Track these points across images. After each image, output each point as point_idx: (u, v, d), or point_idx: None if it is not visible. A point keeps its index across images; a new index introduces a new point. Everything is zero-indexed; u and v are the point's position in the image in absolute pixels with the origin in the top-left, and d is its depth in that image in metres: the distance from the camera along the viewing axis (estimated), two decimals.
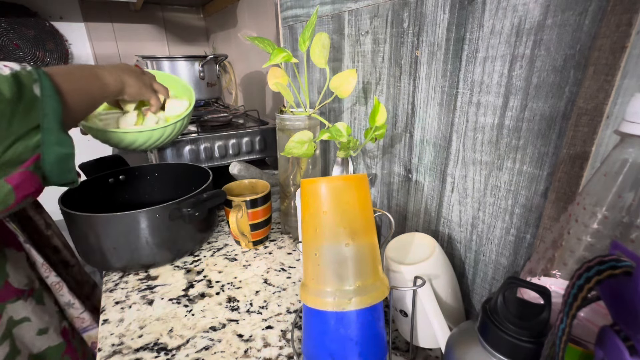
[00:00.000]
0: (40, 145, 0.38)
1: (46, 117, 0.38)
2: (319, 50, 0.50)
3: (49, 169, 0.40)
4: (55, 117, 0.39)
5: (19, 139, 0.36)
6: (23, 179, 0.37)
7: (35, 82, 0.38)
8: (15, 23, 1.42)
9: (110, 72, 0.52)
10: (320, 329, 0.32)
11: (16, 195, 0.37)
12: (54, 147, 0.39)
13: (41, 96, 0.38)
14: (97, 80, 0.49)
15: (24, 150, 0.37)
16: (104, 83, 0.50)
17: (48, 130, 0.38)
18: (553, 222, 0.32)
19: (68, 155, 0.41)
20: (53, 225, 0.63)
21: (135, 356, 0.41)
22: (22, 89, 0.36)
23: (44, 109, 0.38)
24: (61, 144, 0.40)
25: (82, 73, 0.47)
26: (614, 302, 0.18)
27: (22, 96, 0.36)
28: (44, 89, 0.38)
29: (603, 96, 0.26)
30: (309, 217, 0.32)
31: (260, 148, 0.87)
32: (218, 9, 1.52)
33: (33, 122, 0.37)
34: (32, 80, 0.38)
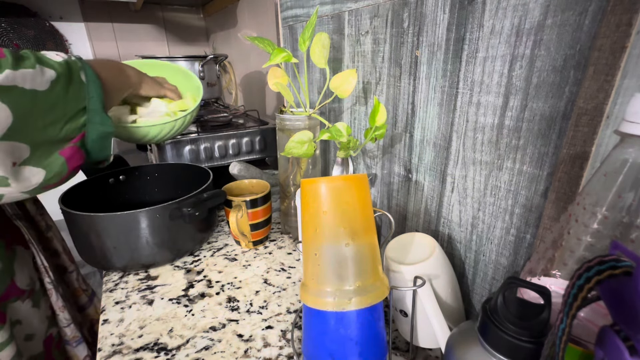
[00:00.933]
0: (85, 125, 0.43)
1: (92, 99, 0.43)
2: (319, 50, 0.50)
3: (91, 145, 0.44)
4: (99, 99, 0.44)
5: (71, 119, 0.41)
6: (73, 153, 0.42)
7: (81, 69, 0.42)
8: (15, 23, 1.42)
9: (130, 68, 0.57)
10: (320, 329, 0.32)
11: (68, 167, 0.41)
12: (97, 126, 0.44)
13: (86, 81, 0.42)
14: (122, 71, 0.55)
15: (74, 129, 0.41)
16: (127, 75, 0.56)
17: (93, 111, 0.43)
18: (553, 222, 0.32)
19: (109, 133, 0.46)
20: (54, 228, 0.63)
21: (135, 356, 0.41)
22: (73, 74, 0.41)
23: (89, 92, 0.43)
24: (103, 123, 0.44)
25: (110, 64, 0.53)
26: (614, 302, 0.18)
27: (72, 80, 0.40)
28: (88, 75, 0.43)
29: (603, 96, 0.26)
30: (309, 217, 0.32)
31: (260, 148, 0.87)
32: (218, 9, 1.52)
33: (81, 103, 0.42)
34: (79, 67, 0.42)
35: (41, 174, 0.39)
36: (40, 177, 0.39)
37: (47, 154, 0.39)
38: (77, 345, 0.59)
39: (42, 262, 0.54)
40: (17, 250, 0.51)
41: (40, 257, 0.54)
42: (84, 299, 0.66)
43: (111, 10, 1.61)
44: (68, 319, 0.57)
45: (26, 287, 0.51)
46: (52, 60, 0.39)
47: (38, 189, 0.39)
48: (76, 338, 0.58)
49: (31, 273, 0.53)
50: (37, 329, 0.53)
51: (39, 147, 0.38)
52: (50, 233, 0.61)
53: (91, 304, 0.68)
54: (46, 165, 0.39)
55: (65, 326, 0.57)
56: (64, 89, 0.39)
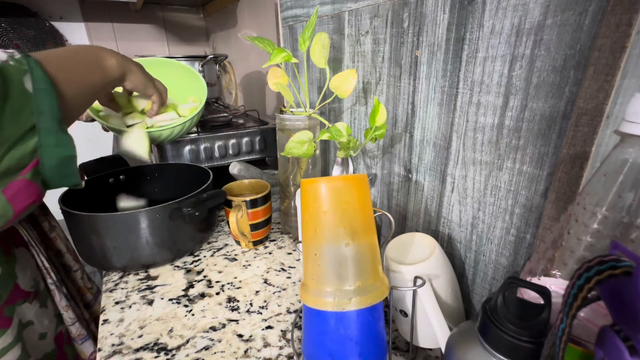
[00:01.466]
0: (37, 149, 0.34)
1: (42, 115, 0.33)
2: (319, 50, 0.50)
3: (50, 175, 0.35)
4: (52, 114, 0.34)
5: (14, 145, 0.32)
6: (18, 189, 0.33)
7: (26, 73, 0.32)
8: (15, 23, 1.42)
9: (112, 55, 0.46)
10: (320, 329, 0.32)
11: (13, 208, 0.33)
12: (52, 150, 0.34)
13: (34, 90, 0.32)
14: (96, 62, 0.43)
15: (21, 157, 0.32)
16: (103, 66, 0.44)
17: (45, 131, 0.33)
18: (553, 222, 0.32)
19: (69, 157, 0.36)
20: (57, 228, 0.63)
21: (135, 356, 0.41)
22: (9, 85, 0.31)
23: (38, 106, 0.33)
24: (61, 145, 0.35)
25: (78, 54, 0.41)
26: (614, 302, 0.18)
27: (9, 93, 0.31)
28: (36, 82, 0.33)
29: (603, 96, 0.26)
30: (309, 217, 0.32)
31: (260, 148, 0.87)
32: (218, 9, 1.52)
33: (27, 122, 0.32)
34: (22, 71, 0.32)
35: None
36: None
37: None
38: (83, 342, 0.59)
39: (43, 264, 0.54)
40: (17, 253, 0.51)
41: (41, 258, 0.54)
42: (89, 297, 0.66)
43: (111, 10, 1.61)
44: (72, 318, 0.57)
45: (30, 289, 0.51)
46: None
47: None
48: (82, 336, 0.59)
49: (34, 274, 0.53)
50: (48, 327, 0.53)
51: None
52: (54, 233, 0.61)
53: (96, 301, 0.68)
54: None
55: (70, 325, 0.57)
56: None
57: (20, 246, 0.52)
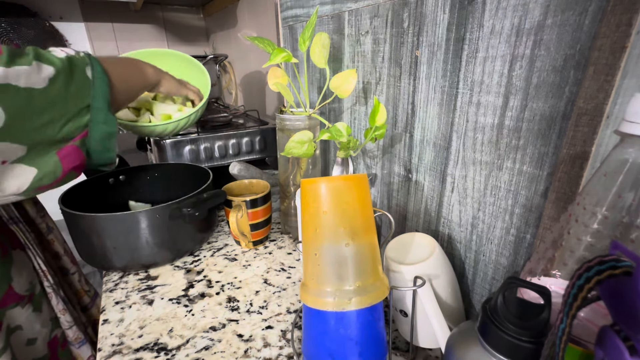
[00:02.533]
0: (88, 124, 0.41)
1: (96, 97, 0.41)
2: (319, 50, 0.50)
3: (94, 146, 0.42)
4: (104, 97, 0.42)
5: (72, 118, 0.39)
6: (69, 152, 0.40)
7: (87, 65, 0.40)
8: (15, 23, 1.42)
9: (149, 65, 0.55)
10: (320, 329, 0.32)
11: (63, 167, 0.39)
12: (100, 126, 0.42)
13: (92, 78, 0.41)
14: (139, 69, 0.53)
15: (76, 128, 0.39)
16: (144, 72, 0.54)
17: (97, 109, 0.41)
18: (553, 222, 0.32)
19: (112, 133, 0.43)
20: (55, 230, 0.63)
21: (135, 356, 0.41)
22: (75, 70, 0.39)
23: (94, 90, 0.41)
24: (107, 122, 0.42)
25: (125, 61, 0.51)
26: (614, 302, 0.18)
27: (74, 77, 0.39)
28: (95, 72, 0.41)
29: (603, 96, 0.26)
30: (309, 217, 0.32)
31: (260, 148, 0.87)
32: (218, 9, 1.52)
33: (85, 101, 0.40)
34: (85, 63, 0.40)
35: (32, 173, 0.37)
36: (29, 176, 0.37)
37: (43, 153, 0.38)
38: (81, 346, 0.59)
39: (40, 266, 0.54)
40: (13, 255, 0.51)
41: (38, 261, 0.54)
42: (87, 300, 0.66)
43: (111, 10, 1.61)
44: (70, 321, 0.56)
45: (25, 292, 0.51)
46: (53, 56, 0.37)
47: (30, 190, 0.37)
48: (79, 339, 0.58)
49: (30, 277, 0.53)
50: (40, 332, 0.53)
51: (35, 146, 0.36)
52: (51, 235, 0.61)
53: (94, 304, 0.67)
54: (39, 164, 0.37)
55: (67, 328, 0.57)
56: (64, 87, 0.37)
57: (17, 248, 0.52)
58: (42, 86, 0.35)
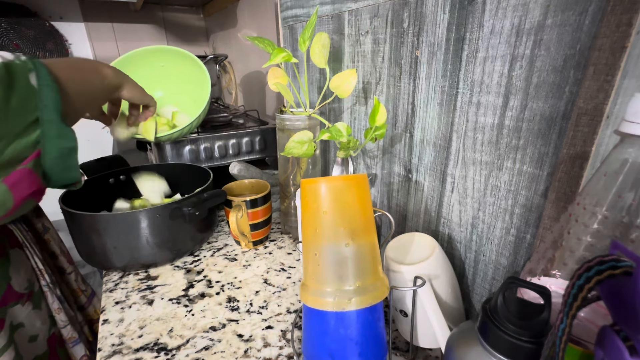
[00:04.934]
0: (39, 140, 0.35)
1: (45, 108, 0.35)
2: (319, 50, 0.50)
3: (50, 165, 0.37)
4: (55, 107, 0.36)
5: (18, 136, 0.33)
6: (20, 177, 0.34)
7: (31, 71, 0.35)
8: (15, 23, 1.42)
9: (108, 67, 0.50)
10: (320, 329, 0.32)
11: (14, 196, 0.34)
12: (54, 141, 0.36)
13: (38, 86, 0.35)
14: (95, 71, 0.47)
15: (24, 148, 0.34)
16: (102, 75, 0.48)
17: (48, 122, 0.35)
18: (553, 222, 0.32)
19: (70, 149, 0.38)
20: (51, 230, 0.62)
21: (135, 356, 0.41)
22: (15, 79, 0.33)
23: (42, 100, 0.35)
24: (62, 136, 0.37)
25: (78, 63, 0.45)
26: (614, 302, 0.18)
27: (14, 87, 0.33)
28: (40, 79, 0.35)
29: (603, 96, 0.26)
30: (309, 217, 0.32)
31: (260, 148, 0.87)
32: (218, 9, 1.52)
33: (31, 115, 0.34)
34: (27, 69, 0.34)
35: None
36: None
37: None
38: (74, 345, 0.58)
39: (38, 265, 0.54)
40: (11, 254, 0.51)
41: (35, 259, 0.54)
42: (83, 299, 0.66)
43: (111, 10, 1.61)
44: (64, 321, 0.56)
45: (24, 291, 0.51)
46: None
47: None
48: (73, 339, 0.58)
49: (29, 275, 0.53)
50: (40, 329, 0.53)
51: None
52: (47, 235, 0.61)
53: (90, 303, 0.67)
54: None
55: (62, 327, 0.57)
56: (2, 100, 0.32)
57: (15, 247, 0.52)
58: None
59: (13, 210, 0.35)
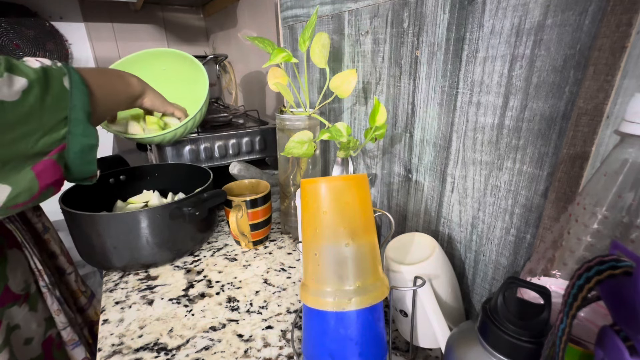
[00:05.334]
0: (66, 136, 0.39)
1: (74, 108, 0.39)
2: (319, 50, 0.50)
3: (72, 159, 0.40)
4: (83, 108, 0.40)
5: (49, 131, 0.37)
6: (45, 166, 0.38)
7: (65, 75, 0.39)
8: (15, 23, 1.42)
9: (133, 76, 0.55)
10: (320, 329, 0.32)
11: (40, 183, 0.37)
12: (79, 138, 0.40)
13: (70, 88, 0.39)
14: (122, 79, 0.52)
15: (52, 141, 0.38)
16: (128, 82, 0.53)
17: (75, 121, 0.39)
18: (553, 222, 0.32)
19: (92, 146, 0.42)
20: (51, 230, 0.62)
21: (135, 356, 0.41)
22: (51, 81, 0.37)
23: (72, 101, 0.39)
24: (86, 135, 0.41)
25: (107, 72, 0.51)
26: (614, 302, 0.18)
27: (49, 88, 0.37)
28: (73, 82, 0.39)
29: (603, 96, 0.26)
30: (309, 217, 0.32)
31: (260, 148, 0.87)
32: (218, 9, 1.52)
33: (62, 113, 0.38)
34: (62, 73, 0.39)
35: (5, 191, 0.35)
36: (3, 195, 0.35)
37: (17, 169, 0.35)
38: (74, 347, 0.58)
39: (36, 266, 0.54)
40: (9, 254, 0.51)
41: (34, 260, 0.53)
42: (83, 301, 0.66)
43: (111, 10, 1.61)
44: (64, 322, 0.56)
45: (21, 292, 0.51)
46: (26, 67, 0.35)
47: (3, 209, 0.35)
48: (73, 341, 0.58)
49: (26, 276, 0.52)
50: (36, 332, 0.53)
51: (8, 162, 0.34)
52: (47, 235, 0.61)
53: (90, 305, 0.67)
54: (13, 181, 0.35)
55: (62, 329, 0.56)
56: (39, 99, 0.35)
57: (14, 247, 0.52)
58: (14, 99, 0.33)
59: (37, 196, 0.38)
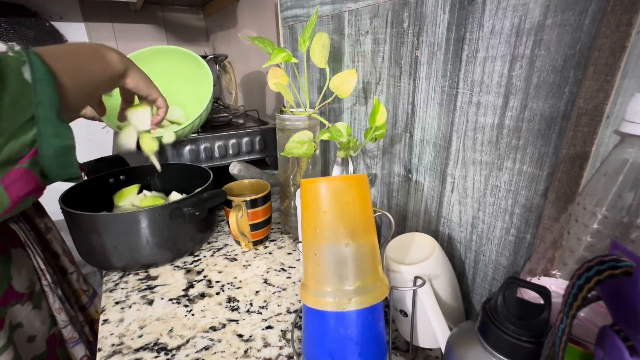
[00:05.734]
0: (36, 139, 0.33)
1: (41, 105, 0.32)
2: (319, 50, 0.50)
3: (48, 164, 0.34)
4: (52, 104, 0.33)
5: (14, 136, 0.31)
6: (15, 177, 0.32)
7: (24, 64, 0.32)
8: (15, 23, 1.42)
9: (112, 50, 0.45)
10: (320, 329, 0.32)
11: (10, 196, 0.33)
12: (51, 140, 0.34)
13: (32, 81, 0.32)
14: (98, 56, 0.43)
15: (20, 147, 0.32)
16: (106, 61, 0.43)
17: (44, 120, 0.33)
18: (553, 222, 0.32)
19: (68, 147, 0.36)
20: (54, 230, 0.62)
21: (135, 356, 0.41)
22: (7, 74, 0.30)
23: (37, 96, 0.32)
24: (60, 135, 0.34)
25: (79, 49, 0.41)
26: (614, 302, 0.18)
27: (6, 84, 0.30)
28: (35, 72, 0.32)
29: (603, 96, 0.26)
30: (309, 217, 0.32)
31: (260, 148, 0.87)
32: (218, 9, 1.52)
33: (26, 113, 0.32)
34: (21, 62, 0.31)
35: None
36: None
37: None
38: (75, 345, 0.58)
39: (39, 265, 0.54)
40: (13, 253, 0.51)
41: (37, 259, 0.54)
42: (85, 300, 0.66)
43: (111, 10, 1.61)
44: (65, 321, 0.56)
45: (25, 290, 0.51)
46: None
47: None
48: (73, 339, 0.58)
49: (30, 275, 0.53)
50: (39, 329, 0.53)
51: None
52: (50, 235, 0.61)
53: (92, 304, 0.67)
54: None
55: (63, 327, 0.57)
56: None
57: (17, 246, 0.52)
58: None
59: (10, 209, 0.34)
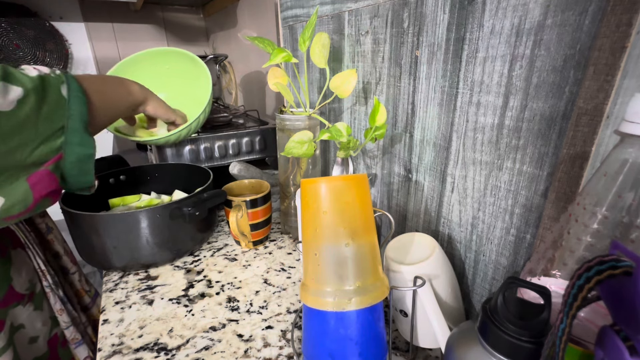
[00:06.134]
0: (62, 146, 0.38)
1: (71, 117, 0.38)
2: (319, 50, 0.50)
3: (69, 169, 0.39)
4: (81, 117, 0.39)
5: (45, 141, 0.36)
6: (40, 177, 0.37)
7: (63, 83, 0.38)
8: (15, 23, 1.42)
9: (134, 83, 0.54)
10: (320, 329, 0.32)
11: (34, 194, 0.37)
12: (75, 148, 0.39)
13: (68, 97, 0.38)
14: (123, 86, 0.51)
15: (48, 151, 0.37)
16: (129, 90, 0.52)
17: (72, 130, 0.39)
18: (553, 222, 0.32)
19: (89, 155, 0.41)
20: (55, 230, 0.63)
21: (135, 356, 0.41)
22: (48, 90, 0.36)
23: (69, 109, 0.38)
24: (83, 144, 0.40)
25: (108, 78, 0.50)
26: (614, 302, 0.18)
27: (46, 97, 0.36)
28: (71, 90, 0.39)
29: (603, 96, 0.26)
30: (309, 217, 0.32)
31: (260, 148, 0.87)
32: (218, 9, 1.52)
33: (59, 123, 0.37)
34: (60, 81, 0.38)
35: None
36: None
37: (11, 180, 0.34)
38: (77, 346, 0.58)
39: (39, 266, 0.54)
40: (13, 254, 0.51)
41: (37, 260, 0.54)
42: (87, 300, 0.66)
43: (111, 10, 1.61)
44: (67, 322, 0.56)
45: (25, 291, 0.51)
46: (23, 76, 0.34)
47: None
48: (76, 340, 0.58)
49: (30, 276, 0.53)
50: (41, 330, 0.53)
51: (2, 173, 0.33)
52: (51, 235, 0.61)
53: (94, 304, 0.67)
54: (6, 193, 0.34)
55: (65, 328, 0.57)
56: (35, 108, 0.35)
57: (17, 247, 0.52)
58: (9, 109, 0.33)
59: (32, 207, 0.37)
